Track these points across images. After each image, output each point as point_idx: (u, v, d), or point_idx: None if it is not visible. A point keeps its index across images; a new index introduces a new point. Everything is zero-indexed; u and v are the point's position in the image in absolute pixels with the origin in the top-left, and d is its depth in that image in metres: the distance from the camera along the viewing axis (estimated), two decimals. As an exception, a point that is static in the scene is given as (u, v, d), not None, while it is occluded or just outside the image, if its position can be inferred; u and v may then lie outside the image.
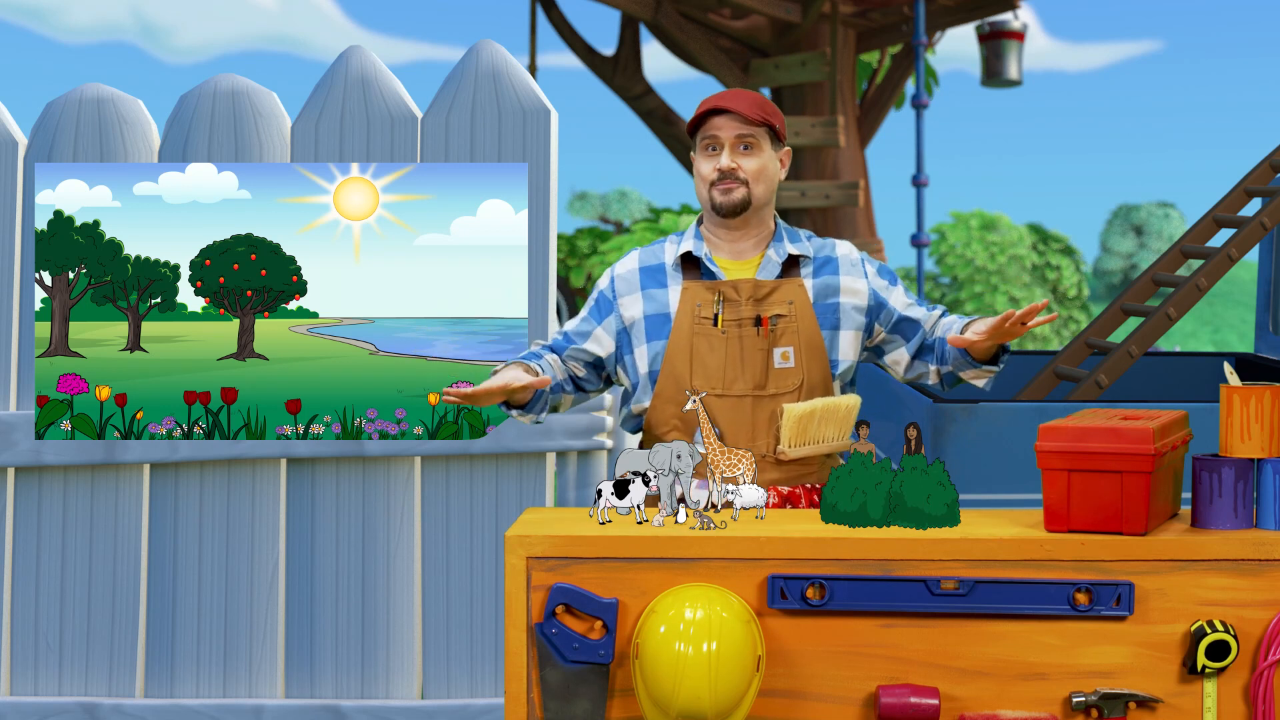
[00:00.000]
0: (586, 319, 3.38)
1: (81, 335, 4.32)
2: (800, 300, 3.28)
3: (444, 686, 4.36)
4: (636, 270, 3.35)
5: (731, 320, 3.26)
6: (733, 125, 3.25)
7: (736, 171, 3.26)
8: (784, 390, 3.25)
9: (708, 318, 3.28)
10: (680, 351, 3.27)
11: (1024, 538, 2.66)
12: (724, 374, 3.25)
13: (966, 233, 33.89)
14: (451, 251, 4.27)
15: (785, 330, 3.27)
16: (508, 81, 4.34)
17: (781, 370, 3.26)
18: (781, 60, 16.65)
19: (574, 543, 2.68)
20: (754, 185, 3.27)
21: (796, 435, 3.21)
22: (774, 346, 3.26)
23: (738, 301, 3.27)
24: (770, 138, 3.29)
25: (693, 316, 3.28)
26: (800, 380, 3.26)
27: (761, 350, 3.25)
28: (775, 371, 3.26)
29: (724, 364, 3.26)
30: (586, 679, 2.67)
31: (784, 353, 3.26)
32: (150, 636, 4.37)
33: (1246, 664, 2.67)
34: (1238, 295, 50.04)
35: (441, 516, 4.35)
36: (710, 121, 3.27)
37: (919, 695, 2.64)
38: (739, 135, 3.26)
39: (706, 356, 3.26)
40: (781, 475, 3.25)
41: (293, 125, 4.37)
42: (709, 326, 3.27)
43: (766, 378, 3.26)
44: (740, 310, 3.27)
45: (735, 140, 3.26)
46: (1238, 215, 5.23)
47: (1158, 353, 5.93)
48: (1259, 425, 2.67)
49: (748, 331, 3.26)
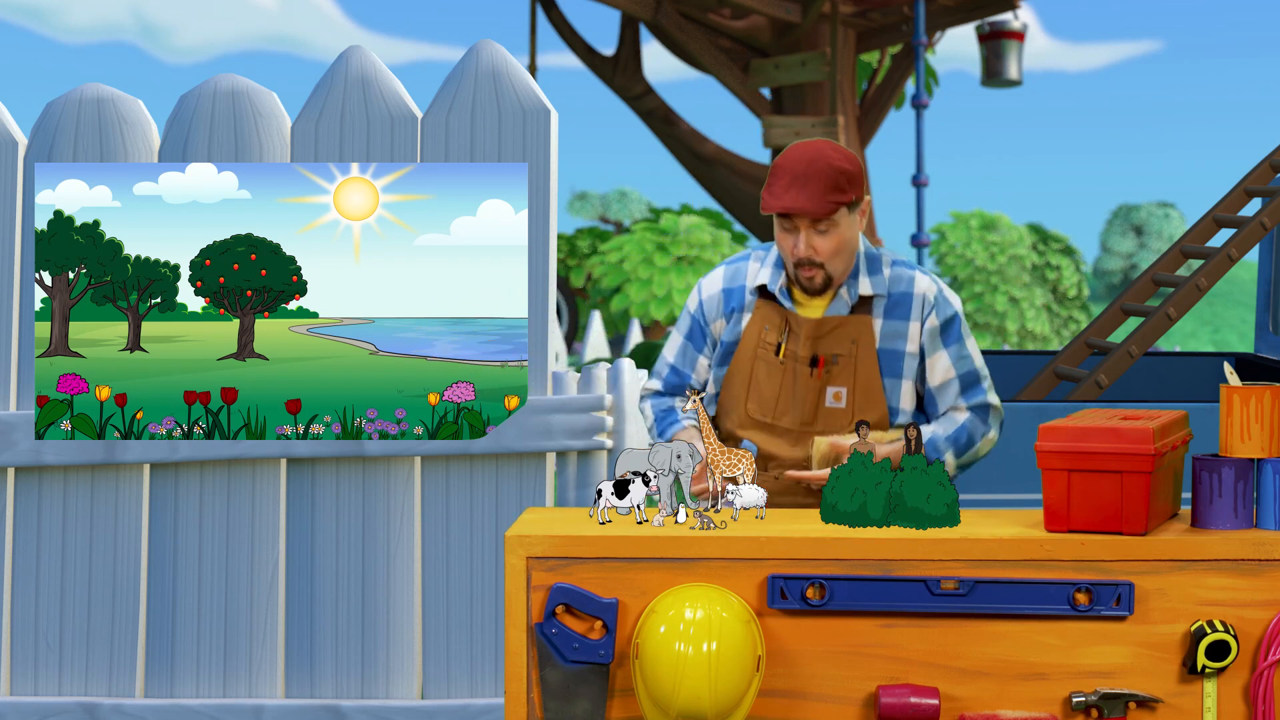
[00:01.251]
0: (687, 347, 3.38)
1: (81, 335, 4.32)
2: (864, 341, 3.25)
3: (444, 686, 4.36)
4: (720, 293, 3.35)
5: (791, 352, 3.25)
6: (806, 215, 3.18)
7: (814, 257, 3.20)
8: (831, 430, 3.24)
9: (771, 344, 3.27)
10: (740, 374, 3.29)
11: (1024, 538, 2.66)
12: (775, 405, 3.25)
13: (966, 233, 33.90)
14: (451, 251, 4.27)
15: (841, 371, 3.24)
16: (508, 81, 4.34)
17: (832, 409, 3.25)
18: (781, 60, 16.65)
19: (574, 543, 2.68)
20: (832, 262, 3.22)
21: (824, 465, 3.20)
22: (827, 385, 3.25)
23: (799, 335, 3.25)
24: (847, 208, 3.22)
25: (758, 340, 3.28)
26: (849, 422, 3.24)
27: (814, 390, 3.24)
28: (825, 410, 3.25)
29: (777, 394, 3.25)
30: (586, 679, 2.67)
31: (836, 393, 3.24)
32: (150, 636, 4.37)
33: (1246, 664, 2.67)
34: (1238, 295, 50.04)
35: (441, 516, 4.36)
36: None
37: (919, 695, 2.64)
38: (813, 221, 3.19)
39: (763, 384, 3.27)
40: (811, 501, 3.27)
41: (293, 125, 4.37)
42: (770, 354, 3.27)
43: (816, 416, 3.25)
44: (799, 346, 3.25)
45: (810, 225, 3.20)
46: (1238, 215, 5.23)
47: (1158, 353, 5.93)
48: (1259, 425, 2.67)
49: (803, 369, 3.24)
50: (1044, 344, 32.60)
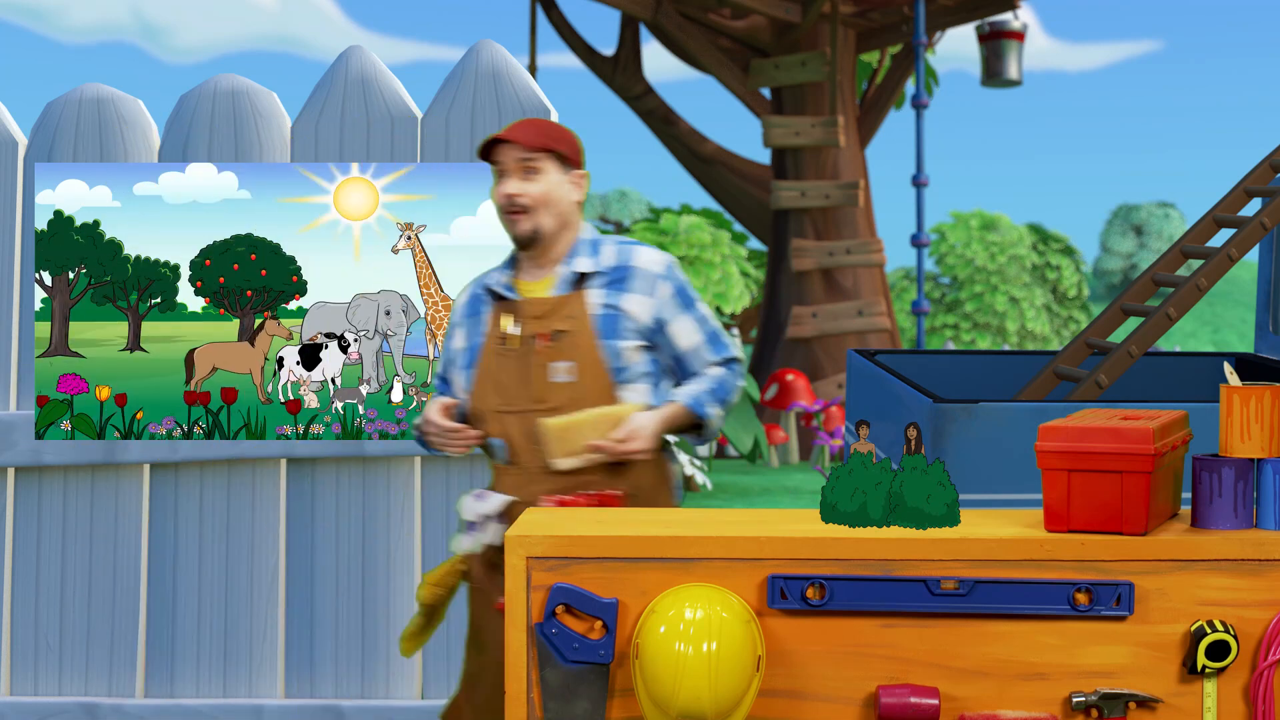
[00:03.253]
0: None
1: (81, 335, 4.32)
2: (580, 314, 3.35)
3: (444, 686, 4.36)
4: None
5: (526, 338, 3.35)
6: (512, 151, 3.34)
7: (518, 199, 3.34)
8: (564, 404, 3.32)
9: (505, 337, 3.37)
10: (483, 371, 3.38)
11: (1024, 538, 2.66)
12: (512, 390, 3.34)
13: (966, 233, 33.89)
14: (452, 251, 4.27)
15: (565, 345, 3.33)
16: (508, 81, 4.34)
17: (558, 384, 3.33)
18: (781, 60, 16.65)
19: (574, 543, 2.68)
20: (539, 212, 3.34)
21: (559, 447, 3.27)
22: (552, 361, 3.33)
23: (523, 319, 3.36)
24: (557, 161, 3.36)
25: (495, 337, 3.38)
26: (582, 394, 3.32)
27: (540, 367, 3.33)
28: (553, 386, 3.33)
29: (513, 380, 3.35)
30: (586, 679, 2.67)
31: (568, 367, 3.33)
32: (150, 637, 4.37)
33: (1246, 664, 2.67)
34: (1238, 295, 50.04)
35: (441, 517, 4.35)
36: (494, 148, 3.35)
37: (919, 695, 2.64)
38: (519, 161, 3.33)
39: (499, 374, 3.36)
40: (558, 485, 3.31)
41: (293, 125, 4.37)
42: (498, 344, 3.37)
43: (546, 392, 3.32)
44: (524, 328, 3.35)
45: (516, 166, 3.34)
46: (1238, 215, 5.23)
47: (1158, 353, 5.93)
48: (1259, 425, 2.67)
49: (530, 348, 3.34)
50: (1044, 344, 32.59)
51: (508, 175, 3.34)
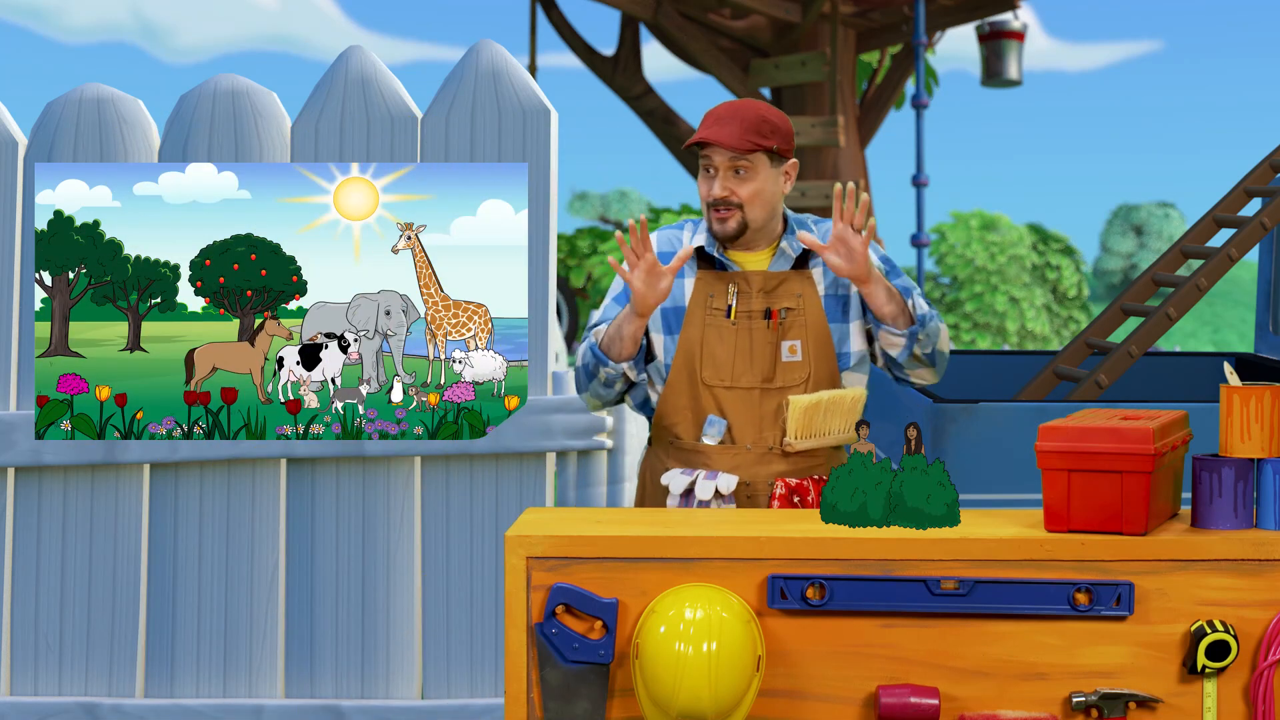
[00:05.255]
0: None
1: (81, 335, 4.32)
2: (809, 293, 3.28)
3: (444, 686, 4.36)
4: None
5: (743, 312, 3.26)
6: (723, 151, 3.22)
7: (730, 198, 3.24)
8: (791, 384, 3.25)
9: (720, 309, 3.28)
10: (692, 343, 3.27)
11: (1024, 538, 2.66)
12: (733, 366, 3.26)
13: (966, 233, 33.88)
14: (451, 251, 4.27)
15: (794, 324, 3.26)
16: (508, 82, 4.34)
17: (789, 364, 3.26)
18: (781, 60, 16.66)
19: (574, 543, 2.68)
20: (750, 210, 3.25)
21: (802, 427, 3.22)
22: (782, 340, 3.26)
23: (749, 293, 3.27)
24: (769, 157, 3.25)
25: (705, 308, 3.28)
26: (808, 374, 3.26)
27: (770, 344, 3.25)
28: (782, 365, 3.26)
29: (733, 356, 3.25)
30: (586, 679, 2.67)
31: (791, 346, 3.26)
32: (150, 636, 4.37)
33: (1246, 664, 2.67)
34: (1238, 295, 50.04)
35: (441, 516, 4.36)
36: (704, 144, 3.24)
37: (919, 695, 2.64)
38: (731, 160, 3.23)
39: (716, 348, 3.26)
40: (789, 467, 3.26)
41: (293, 125, 4.37)
42: (721, 318, 3.27)
43: (774, 371, 3.26)
44: (751, 302, 3.27)
45: (728, 165, 3.23)
46: (1238, 215, 5.23)
47: (1158, 353, 5.93)
48: (1259, 425, 2.67)
49: (757, 324, 3.26)
50: (1044, 344, 32.59)
51: (716, 173, 3.24)
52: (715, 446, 3.27)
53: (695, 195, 45.35)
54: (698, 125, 3.47)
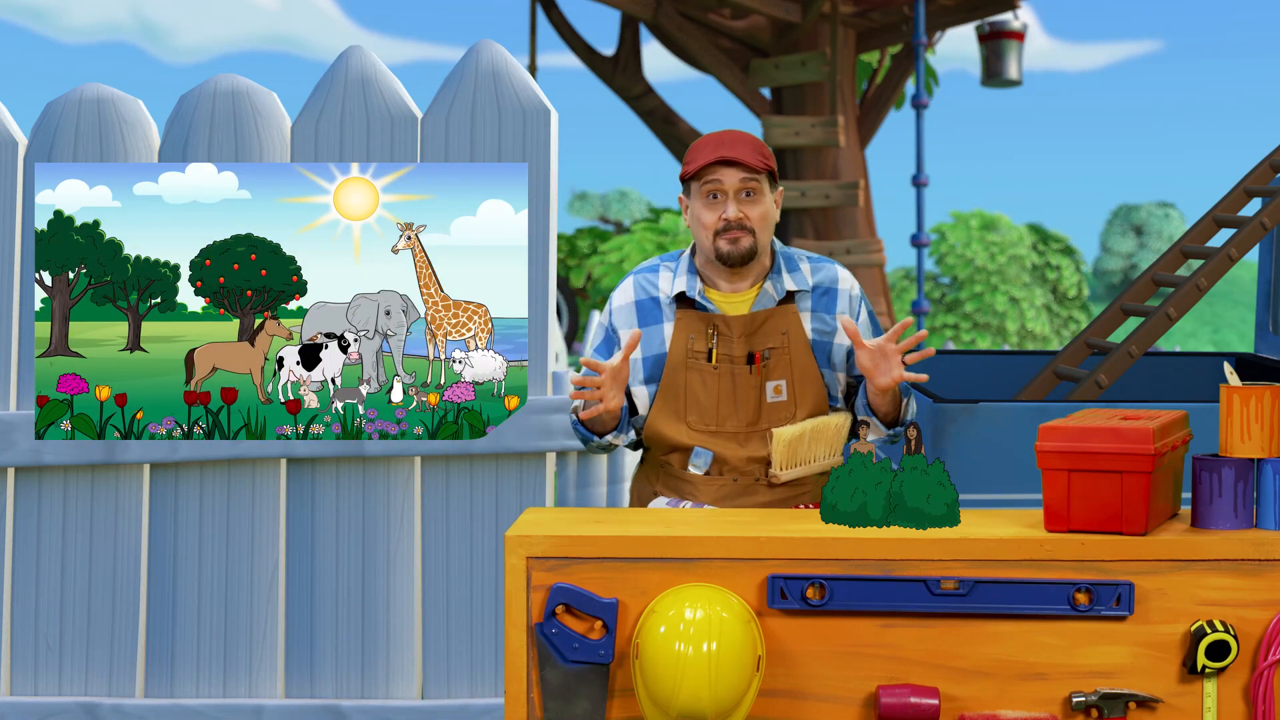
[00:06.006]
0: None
1: (81, 335, 4.32)
2: (793, 329, 3.25)
3: (444, 686, 4.36)
4: (633, 305, 3.32)
5: (724, 355, 3.24)
6: (735, 173, 3.20)
7: (744, 221, 3.21)
8: (777, 423, 3.24)
9: (700, 352, 3.25)
10: (673, 388, 3.25)
11: (1024, 538, 2.66)
12: (717, 411, 3.24)
13: (966, 233, 33.89)
14: (451, 251, 4.27)
15: (778, 363, 3.24)
16: (508, 82, 4.34)
17: (774, 404, 3.24)
18: (781, 60, 16.65)
19: (574, 543, 2.68)
20: (760, 233, 3.22)
21: (787, 459, 3.22)
22: (766, 380, 3.24)
23: (729, 337, 3.24)
24: (769, 181, 3.25)
25: (686, 351, 3.25)
26: (793, 413, 3.25)
27: (754, 387, 3.24)
28: (768, 406, 3.24)
29: (717, 402, 3.24)
30: (586, 679, 2.67)
31: (776, 386, 3.24)
32: (150, 636, 4.37)
33: (1246, 664, 2.67)
34: (1238, 295, 50.05)
35: (441, 516, 4.36)
36: (712, 169, 3.20)
37: (919, 695, 2.64)
38: (743, 182, 3.21)
39: (699, 393, 3.24)
40: (774, 498, 3.26)
41: (293, 125, 4.37)
42: (703, 361, 3.25)
43: (759, 413, 3.24)
44: (732, 347, 3.24)
45: (739, 188, 3.21)
46: (1238, 215, 5.23)
47: (1158, 353, 5.93)
48: (1259, 425, 2.67)
49: (740, 369, 3.23)
50: (1044, 344, 32.60)
51: (727, 196, 3.20)
52: (702, 477, 3.27)
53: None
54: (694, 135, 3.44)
